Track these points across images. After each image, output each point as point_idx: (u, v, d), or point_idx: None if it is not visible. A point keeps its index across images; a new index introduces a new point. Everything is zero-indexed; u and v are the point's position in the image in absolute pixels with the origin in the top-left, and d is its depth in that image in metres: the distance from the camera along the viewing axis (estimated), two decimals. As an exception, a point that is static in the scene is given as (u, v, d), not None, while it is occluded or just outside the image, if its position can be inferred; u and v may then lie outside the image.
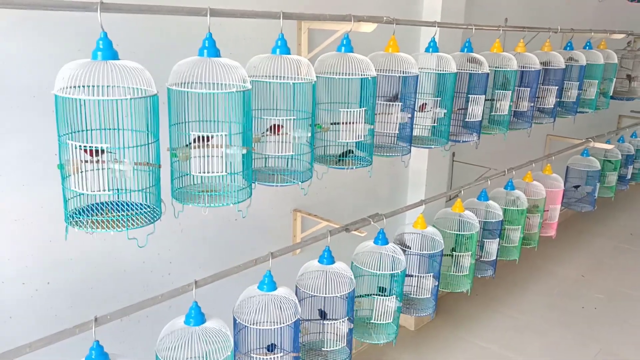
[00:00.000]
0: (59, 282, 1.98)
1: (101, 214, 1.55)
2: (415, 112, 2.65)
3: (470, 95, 2.76)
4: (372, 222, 2.50)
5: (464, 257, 3.10)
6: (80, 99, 1.42)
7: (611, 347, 3.73)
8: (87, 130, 1.49)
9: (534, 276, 4.65)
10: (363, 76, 2.12)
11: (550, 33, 3.43)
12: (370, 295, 2.57)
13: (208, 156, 1.68)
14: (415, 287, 2.88)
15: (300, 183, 1.95)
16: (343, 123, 2.15)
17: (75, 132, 1.47)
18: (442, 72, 2.61)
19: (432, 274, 2.83)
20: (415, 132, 2.72)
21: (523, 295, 4.36)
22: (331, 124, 2.20)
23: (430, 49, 2.61)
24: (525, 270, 4.63)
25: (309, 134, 1.95)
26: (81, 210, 1.57)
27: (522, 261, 3.66)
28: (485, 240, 3.33)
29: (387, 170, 3.38)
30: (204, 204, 1.70)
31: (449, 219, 3.12)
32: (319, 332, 2.41)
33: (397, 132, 2.46)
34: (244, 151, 1.75)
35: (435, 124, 2.74)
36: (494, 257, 3.37)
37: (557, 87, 3.45)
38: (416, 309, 2.90)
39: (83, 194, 1.52)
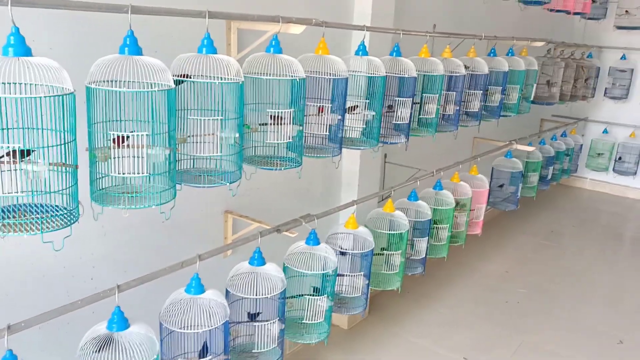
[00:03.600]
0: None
1: (15, 217, 1.48)
2: (346, 114, 2.69)
3: (397, 99, 2.83)
4: (303, 223, 2.52)
5: (395, 256, 3.17)
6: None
7: (532, 338, 3.93)
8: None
9: (461, 273, 4.83)
10: (292, 77, 2.13)
11: (475, 40, 3.58)
12: (302, 295, 2.58)
13: (128, 157, 1.63)
14: (347, 287, 2.92)
15: (228, 184, 1.94)
16: (271, 124, 2.16)
17: (-16, 131, 1.39)
18: (371, 75, 2.67)
19: (362, 273, 2.88)
20: (346, 134, 2.77)
21: (451, 291, 4.51)
22: (260, 124, 2.20)
23: (360, 52, 2.66)
24: (453, 267, 4.80)
25: (237, 135, 1.94)
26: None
27: (450, 258, 3.79)
28: (415, 239, 3.43)
29: (320, 171, 3.41)
30: (124, 206, 1.65)
31: (380, 218, 3.19)
32: (250, 335, 2.40)
33: (327, 133, 2.50)
34: (167, 152, 1.72)
35: (365, 126, 2.79)
36: (424, 255, 3.48)
37: (481, 92, 3.61)
38: (347, 308, 2.94)
39: (-5, 196, 1.45)
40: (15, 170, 1.39)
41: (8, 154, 1.37)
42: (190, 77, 1.84)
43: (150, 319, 1.96)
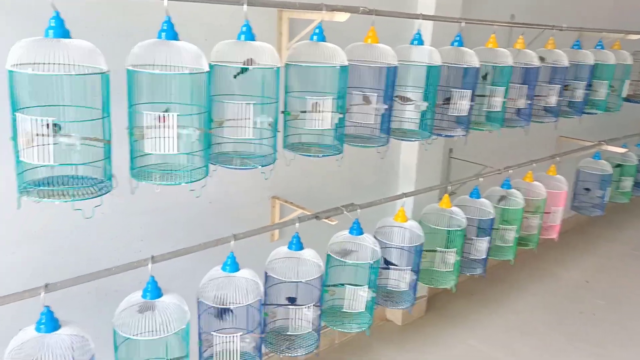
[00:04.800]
0: (24, 253, 2.09)
1: (54, 186, 1.63)
2: (399, 104, 2.66)
3: (455, 90, 2.74)
4: (344, 212, 2.52)
5: (449, 253, 3.08)
6: (31, 74, 1.50)
7: (604, 352, 3.64)
8: (42, 106, 1.56)
9: (532, 278, 4.56)
10: (333, 64, 2.14)
11: (554, 31, 3.36)
12: (344, 284, 2.59)
13: (162, 136, 1.73)
14: (394, 280, 2.88)
15: (260, 167, 1.99)
16: (311, 111, 2.18)
17: (27, 108, 1.54)
18: (425, 64, 2.61)
19: (410, 268, 2.83)
20: (400, 125, 2.73)
21: (519, 296, 4.29)
22: (301, 112, 2.23)
23: (416, 42, 2.61)
24: (523, 272, 4.55)
25: (271, 120, 1.99)
26: (37, 183, 1.65)
27: (521, 262, 3.62)
28: (475, 238, 3.30)
29: (374, 162, 3.38)
30: (154, 181, 1.76)
31: (436, 214, 3.11)
32: (288, 318, 2.45)
33: (372, 123, 2.48)
34: (199, 132, 1.80)
35: (419, 117, 2.74)
36: (485, 256, 3.34)
37: (559, 86, 3.38)
38: (393, 302, 2.90)
39: (37, 166, 1.61)
40: (51, 143, 1.53)
41: (47, 127, 1.51)
42: (254, 64, 1.89)
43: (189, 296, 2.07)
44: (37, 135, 1.54)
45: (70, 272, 1.82)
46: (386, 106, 2.42)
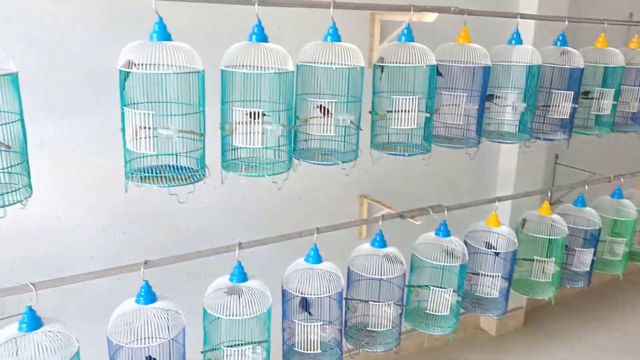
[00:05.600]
0: (133, 233, 2.35)
1: (154, 174, 1.83)
2: (493, 105, 2.59)
3: (555, 91, 2.61)
4: (430, 212, 2.51)
5: (548, 263, 2.93)
6: (132, 72, 1.70)
7: None
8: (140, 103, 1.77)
9: (648, 297, 4.17)
10: (418, 64, 2.16)
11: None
12: (427, 286, 2.57)
13: (249, 132, 1.87)
14: (483, 286, 2.80)
15: (340, 163, 2.06)
16: (397, 111, 2.21)
17: (132, 104, 1.75)
18: (523, 64, 2.52)
19: (500, 274, 2.74)
20: (496, 127, 2.66)
21: (629, 315, 3.93)
22: (387, 111, 2.27)
23: (513, 41, 2.54)
24: (634, 289, 4.16)
25: (352, 117, 2.05)
26: (142, 170, 1.86)
27: (631, 279, 3.33)
28: (579, 249, 3.10)
29: (469, 165, 3.30)
30: (240, 173, 1.90)
31: (534, 221, 2.97)
32: (369, 315, 2.49)
33: (465, 123, 2.45)
34: (284, 128, 1.92)
35: (518, 120, 2.65)
36: (589, 269, 3.12)
37: (683, 89, 3.08)
38: (482, 308, 2.82)
39: (142, 156, 1.81)
40: (152, 136, 1.72)
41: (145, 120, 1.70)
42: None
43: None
44: (142, 127, 1.74)
45: (167, 252, 2.02)
46: (476, 107, 2.38)
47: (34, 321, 1.73)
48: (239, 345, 2.09)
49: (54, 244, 2.28)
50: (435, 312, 2.56)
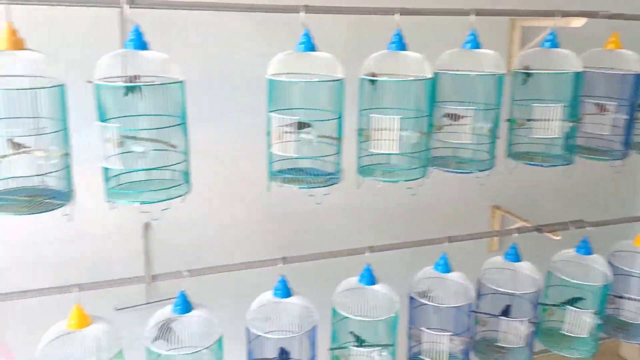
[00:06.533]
0: (270, 231, 2.53)
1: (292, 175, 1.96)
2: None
3: None
4: (570, 228, 2.38)
5: None
6: (285, 81, 1.84)
7: None
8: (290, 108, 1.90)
9: None
10: (562, 71, 2.07)
11: None
12: (565, 305, 2.43)
13: (385, 138, 1.93)
14: (628, 311, 2.58)
15: (477, 172, 2.04)
16: (538, 119, 2.14)
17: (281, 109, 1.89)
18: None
19: (649, 300, 2.51)
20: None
21: None
22: (527, 120, 2.19)
23: (671, 45, 2.33)
24: None
25: (490, 125, 2.02)
26: (283, 171, 1.99)
27: None
28: None
29: (613, 179, 3.06)
30: (377, 178, 1.96)
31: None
32: (498, 330, 2.41)
33: (611, 134, 2.29)
34: (419, 135, 1.94)
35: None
36: None
37: None
38: (626, 334, 2.60)
39: (284, 158, 1.95)
40: (295, 140, 1.84)
41: (291, 125, 1.83)
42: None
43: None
44: (285, 132, 1.87)
45: (299, 251, 2.13)
46: (626, 116, 2.22)
47: (185, 305, 1.92)
48: (366, 346, 2.14)
49: (200, 237, 2.52)
50: (572, 333, 2.41)
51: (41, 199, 1.61)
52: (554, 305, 2.49)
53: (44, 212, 1.58)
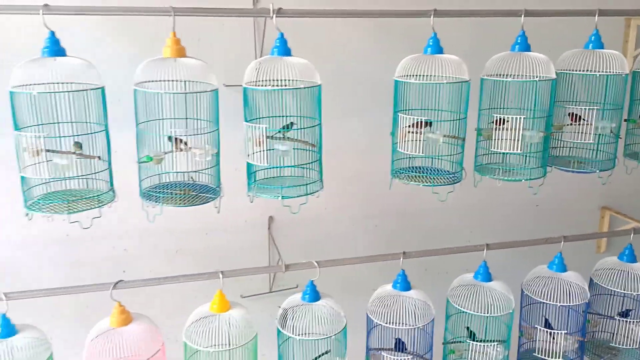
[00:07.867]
0: (383, 226, 2.61)
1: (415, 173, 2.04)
2: None
3: None
4: (691, 229, 2.32)
5: None
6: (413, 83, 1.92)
7: None
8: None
9: None
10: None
11: None
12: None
13: (506, 138, 1.97)
14: None
15: (598, 171, 2.04)
16: (661, 119, 2.11)
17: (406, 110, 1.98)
18: None
19: None
20: None
21: None
22: (645, 119, 2.18)
23: None
24: None
25: (613, 125, 2.02)
26: (404, 170, 2.08)
27: None
28: None
29: None
30: (497, 176, 2.00)
31: None
32: (611, 332, 2.39)
33: None
34: (541, 135, 1.97)
35: None
36: None
37: None
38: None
39: (408, 156, 2.03)
40: (421, 140, 1.92)
41: (414, 125, 1.91)
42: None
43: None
44: (410, 132, 1.95)
45: (410, 247, 2.20)
46: None
47: (314, 294, 2.04)
48: (482, 341, 2.19)
49: (315, 231, 2.65)
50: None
51: (195, 193, 1.78)
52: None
53: (199, 205, 1.75)
